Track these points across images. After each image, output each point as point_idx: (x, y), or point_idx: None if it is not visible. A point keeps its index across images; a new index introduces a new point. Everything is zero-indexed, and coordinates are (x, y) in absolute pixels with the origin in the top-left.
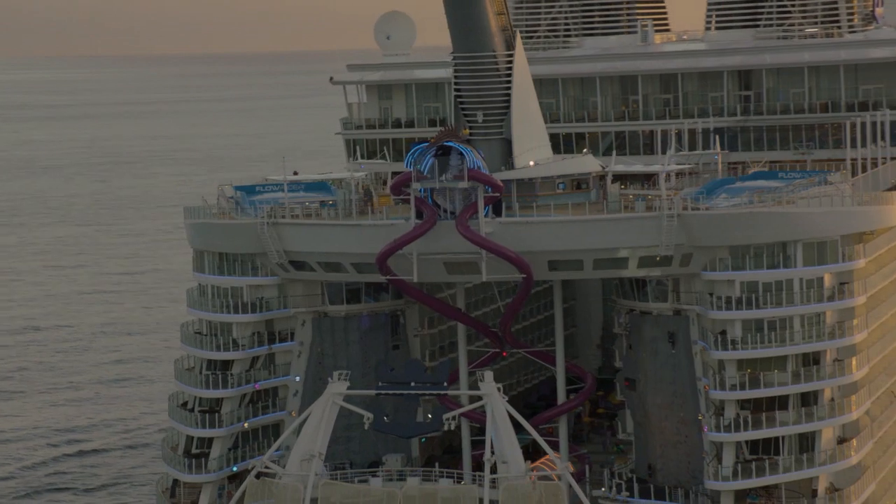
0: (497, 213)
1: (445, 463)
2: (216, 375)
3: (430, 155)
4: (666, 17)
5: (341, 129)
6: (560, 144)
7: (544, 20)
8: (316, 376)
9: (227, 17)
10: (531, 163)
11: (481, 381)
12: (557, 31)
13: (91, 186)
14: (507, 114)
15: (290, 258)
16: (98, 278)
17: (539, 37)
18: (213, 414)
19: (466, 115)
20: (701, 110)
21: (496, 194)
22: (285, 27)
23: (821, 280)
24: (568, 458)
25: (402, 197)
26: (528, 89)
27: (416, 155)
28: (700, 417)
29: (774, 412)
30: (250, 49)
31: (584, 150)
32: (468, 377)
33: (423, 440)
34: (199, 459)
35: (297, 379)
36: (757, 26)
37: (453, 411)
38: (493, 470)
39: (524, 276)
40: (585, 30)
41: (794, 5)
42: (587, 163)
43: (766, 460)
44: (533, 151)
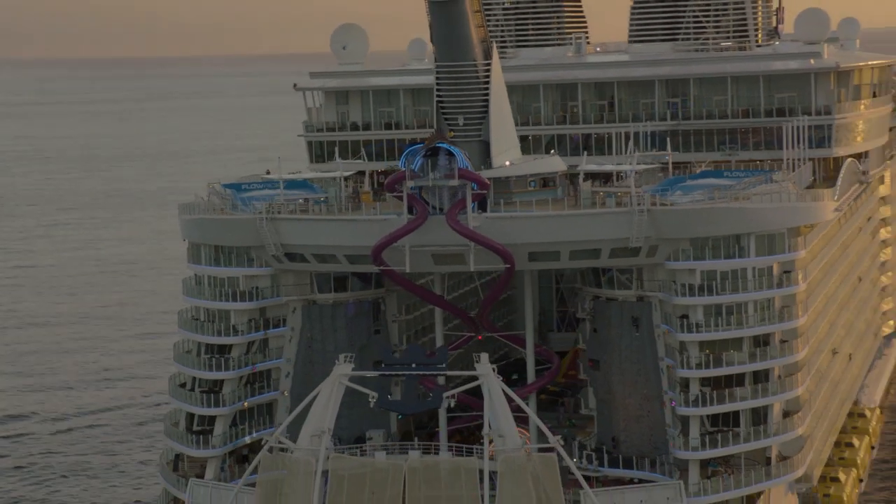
0: (482, 209)
1: (422, 437)
2: (216, 358)
3: (420, 156)
4: (587, 31)
5: (304, 131)
6: None
7: None
8: (306, 359)
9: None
10: (507, 163)
11: (477, 362)
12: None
13: None
14: (485, 118)
15: (287, 251)
16: None
17: None
18: (214, 394)
19: (448, 119)
20: (634, 115)
21: (482, 191)
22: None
23: (770, 269)
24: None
25: (395, 194)
26: (503, 95)
27: (408, 155)
28: (664, 394)
29: (733, 389)
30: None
31: (552, 150)
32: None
33: (399, 417)
34: (204, 435)
35: (289, 361)
36: (676, 40)
37: (453, 390)
38: (474, 441)
39: (507, 265)
40: (520, 42)
41: (708, 21)
42: (554, 163)
43: (728, 432)
44: (507, 152)
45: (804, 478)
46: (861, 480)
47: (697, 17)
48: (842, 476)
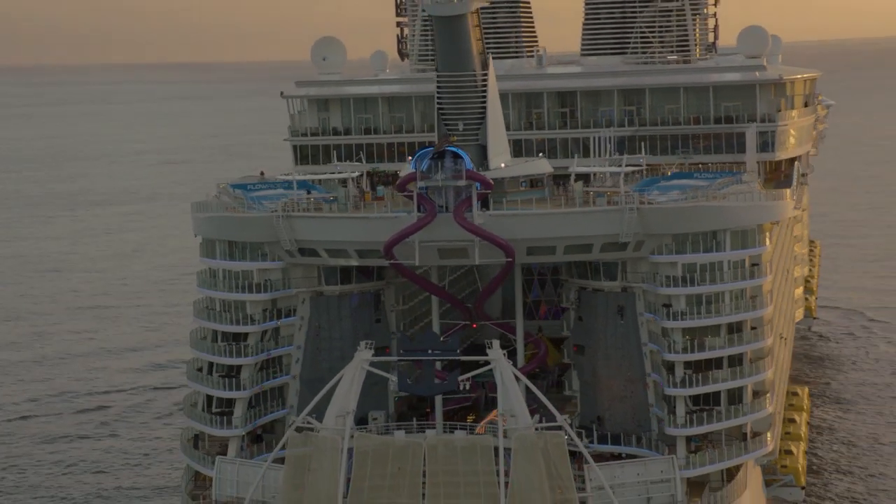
0: (485, 207)
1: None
2: (233, 345)
3: (428, 158)
4: (538, 44)
5: (289, 136)
6: None
7: None
8: (314, 346)
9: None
10: (502, 165)
11: (489, 348)
12: None
13: None
14: (482, 123)
15: (300, 246)
16: None
17: None
18: (232, 378)
19: (448, 125)
20: (594, 122)
21: (486, 191)
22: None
23: (743, 262)
24: None
25: (406, 193)
26: (498, 103)
27: (419, 158)
28: (647, 376)
29: (714, 371)
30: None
31: (540, 154)
32: None
33: (396, 399)
34: (224, 416)
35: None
36: (624, 53)
37: (467, 374)
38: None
39: (508, 259)
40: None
41: (654, 36)
42: (542, 165)
43: (711, 410)
44: (501, 155)
45: (769, 451)
46: (807, 452)
47: (644, 32)
48: (793, 448)
